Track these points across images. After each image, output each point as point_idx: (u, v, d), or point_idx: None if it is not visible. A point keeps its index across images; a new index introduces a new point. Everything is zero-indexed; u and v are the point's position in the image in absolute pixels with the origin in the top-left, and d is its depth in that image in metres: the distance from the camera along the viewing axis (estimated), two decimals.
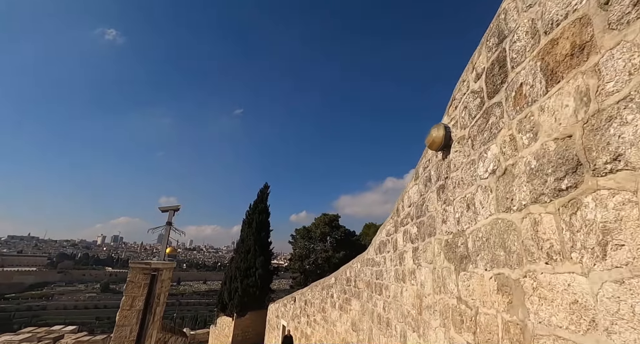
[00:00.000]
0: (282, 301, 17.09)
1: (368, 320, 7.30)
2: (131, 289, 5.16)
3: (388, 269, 5.68)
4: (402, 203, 4.84)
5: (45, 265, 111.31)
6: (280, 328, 16.74)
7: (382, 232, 6.37)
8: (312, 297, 12.99)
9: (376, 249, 6.83)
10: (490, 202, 2.07)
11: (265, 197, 27.07)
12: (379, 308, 6.22)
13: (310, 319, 12.83)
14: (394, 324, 5.12)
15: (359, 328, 8.13)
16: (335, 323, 10.16)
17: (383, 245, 6.15)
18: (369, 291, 7.31)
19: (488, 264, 2.08)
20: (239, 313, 23.65)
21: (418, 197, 3.94)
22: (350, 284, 9.19)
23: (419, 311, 3.76)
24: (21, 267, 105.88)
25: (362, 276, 8.17)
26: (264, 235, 25.97)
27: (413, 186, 4.20)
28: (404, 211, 4.70)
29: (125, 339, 4.90)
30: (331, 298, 10.81)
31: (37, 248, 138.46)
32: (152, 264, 5.27)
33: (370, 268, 7.31)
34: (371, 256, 7.32)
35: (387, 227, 5.92)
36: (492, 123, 2.04)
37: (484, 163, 2.15)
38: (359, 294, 8.37)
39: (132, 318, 4.96)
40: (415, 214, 4.00)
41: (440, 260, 3.08)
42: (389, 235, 5.74)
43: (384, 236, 6.11)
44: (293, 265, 27.42)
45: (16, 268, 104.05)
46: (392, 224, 5.51)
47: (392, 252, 5.48)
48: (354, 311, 8.71)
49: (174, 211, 6.71)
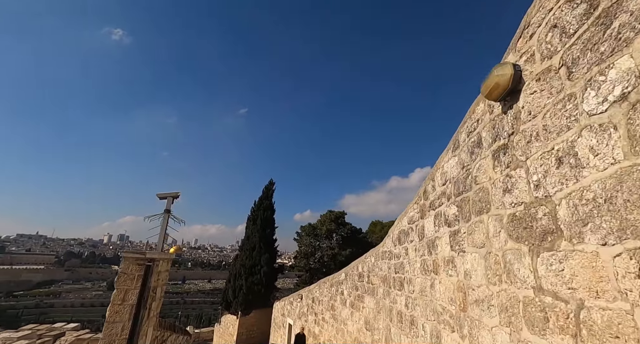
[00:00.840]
0: (288, 299, 16.47)
1: (385, 318, 6.64)
2: (123, 281, 4.56)
3: (411, 261, 5.01)
4: (432, 183, 4.17)
5: (52, 263, 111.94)
6: (286, 326, 16.12)
7: (402, 221, 5.70)
8: (320, 294, 12.35)
9: (394, 240, 6.16)
10: (614, 145, 1.41)
11: (271, 194, 26.50)
12: (400, 304, 5.56)
13: (318, 318, 12.19)
14: (421, 323, 4.45)
15: (373, 327, 7.47)
16: (346, 322, 9.50)
17: (404, 234, 5.48)
18: (386, 287, 6.64)
19: (611, 235, 1.41)
20: (243, 311, 23.07)
21: (458, 171, 3.26)
22: (363, 280, 8.52)
23: (461, 307, 3.09)
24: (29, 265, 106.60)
25: (377, 271, 7.50)
26: (269, 232, 25.39)
27: (450, 159, 3.53)
28: (435, 191, 4.03)
29: (116, 337, 4.29)
30: (341, 295, 10.15)
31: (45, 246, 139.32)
32: (147, 254, 4.66)
33: (388, 261, 6.64)
34: (388, 248, 6.65)
35: (409, 215, 5.25)
36: (621, 25, 1.38)
37: (599, 91, 1.49)
38: (373, 291, 7.71)
39: (124, 313, 4.36)
40: (455, 191, 3.33)
41: (499, 241, 2.41)
42: (412, 222, 5.07)
43: (405, 225, 5.43)
44: (298, 263, 26.77)
45: (24, 265, 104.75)
46: (417, 210, 4.84)
47: (416, 241, 4.81)
48: (367, 309, 8.05)
49: (173, 198, 6.10)
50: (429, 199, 4.28)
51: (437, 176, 3.95)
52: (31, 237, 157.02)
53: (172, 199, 6.20)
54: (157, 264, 4.88)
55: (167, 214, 5.98)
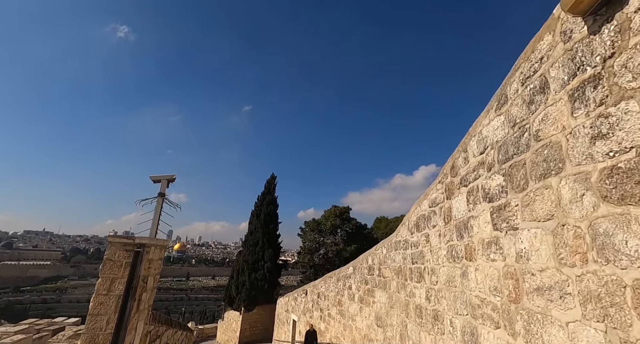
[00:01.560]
0: (293, 295, 15.92)
1: (399, 314, 6.04)
2: (109, 269, 4.00)
3: (434, 249, 4.39)
4: (463, 155, 3.54)
5: (59, 259, 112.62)
6: (290, 323, 15.59)
7: (421, 206, 5.09)
8: (325, 289, 11.78)
9: (412, 227, 5.55)
10: None
11: (273, 189, 25.94)
12: (418, 298, 4.95)
13: (323, 314, 11.63)
14: (448, 318, 3.84)
15: (385, 323, 6.88)
16: (354, 318, 8.92)
17: (424, 220, 4.87)
18: (401, 279, 6.04)
19: None
20: (246, 307, 22.59)
21: (506, 132, 2.64)
22: (374, 273, 7.93)
23: (511, 298, 2.48)
24: (36, 261, 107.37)
25: (390, 263, 6.90)
26: (272, 227, 24.85)
27: (492, 120, 2.90)
28: (467, 164, 3.41)
29: (100, 331, 3.75)
30: (349, 290, 9.57)
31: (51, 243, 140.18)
32: (137, 239, 4.09)
33: (402, 251, 6.03)
34: (403, 237, 6.04)
35: (430, 197, 4.63)
36: None
37: None
38: (385, 284, 7.11)
39: (110, 305, 3.80)
40: (500, 157, 2.72)
41: (582, 208, 1.80)
42: (434, 205, 4.45)
43: (426, 209, 4.82)
44: (302, 259, 26.23)
45: (31, 261, 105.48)
46: (441, 190, 4.22)
47: (441, 225, 4.19)
48: (378, 304, 7.45)
49: (168, 181, 5.52)
50: (458, 175, 3.66)
51: (472, 145, 3.32)
52: (38, 233, 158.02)
53: (167, 182, 5.63)
54: (147, 250, 4.31)
55: (162, 198, 5.41)
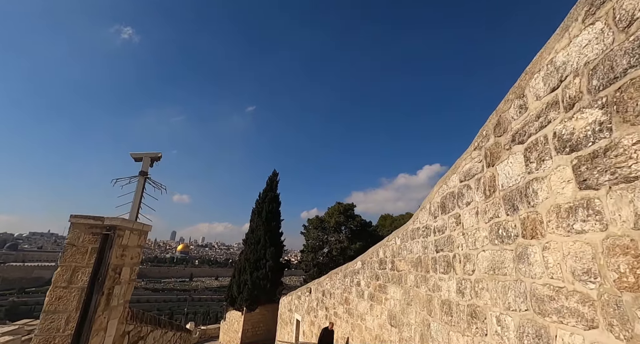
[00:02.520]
0: (296, 293, 15.07)
1: (419, 311, 5.20)
2: (71, 256, 3.21)
3: (469, 231, 3.55)
4: (518, 102, 2.69)
5: None
6: (293, 322, 14.74)
7: (448, 182, 4.24)
8: (331, 287, 10.92)
9: (434, 210, 4.71)
10: None
11: (275, 185, 25.13)
12: (447, 292, 4.10)
13: (329, 313, 10.77)
14: (493, 316, 3.00)
15: (401, 322, 6.03)
16: (363, 317, 8.07)
17: (454, 198, 4.03)
18: (421, 272, 5.19)
19: None
20: (248, 307, 21.76)
21: (609, 42, 1.81)
22: (386, 267, 7.08)
23: (627, 284, 1.65)
24: (41, 262, 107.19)
25: (405, 254, 6.06)
26: (274, 225, 24.02)
27: (579, 34, 2.07)
28: (526, 112, 2.56)
29: (57, 332, 2.97)
30: (357, 287, 8.72)
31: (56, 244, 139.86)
32: (106, 220, 3.28)
33: (422, 239, 5.19)
34: (423, 222, 5.20)
35: (462, 169, 3.79)
36: None
37: None
38: (400, 279, 6.27)
39: (71, 300, 3.01)
40: (595, 83, 1.87)
41: None
42: (468, 178, 3.61)
43: (455, 184, 3.98)
44: (306, 257, 25.34)
45: (36, 263, 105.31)
46: (479, 158, 3.38)
47: (478, 200, 3.35)
48: (392, 301, 6.61)
49: (151, 159, 4.72)
50: (508, 132, 2.82)
51: (534, 85, 2.48)
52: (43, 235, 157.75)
53: (151, 161, 4.82)
54: (120, 234, 3.51)
55: (143, 177, 4.60)
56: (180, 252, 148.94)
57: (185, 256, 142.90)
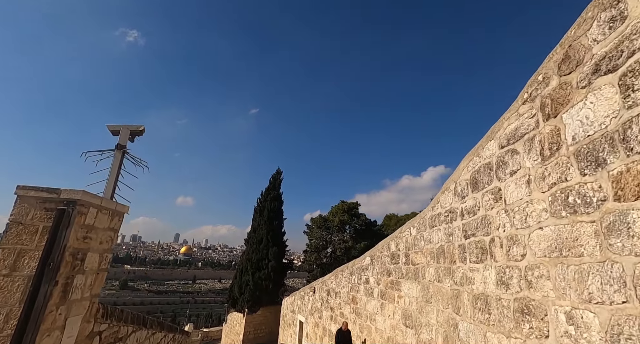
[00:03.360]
0: (299, 293, 14.30)
1: (442, 309, 4.44)
2: (15, 236, 2.54)
3: (516, 206, 2.82)
4: (605, 14, 1.99)
5: None
6: (296, 324, 13.95)
7: (482, 152, 3.51)
8: (336, 285, 10.16)
9: (462, 190, 3.98)
10: None
11: (278, 184, 24.41)
12: (482, 284, 3.36)
13: (334, 313, 10.00)
14: (562, 312, 2.26)
15: (418, 322, 5.27)
16: (373, 317, 7.31)
17: (489, 171, 3.30)
18: (444, 264, 4.45)
19: None
20: (250, 308, 20.97)
21: None
22: (399, 262, 6.33)
23: None
24: None
25: (423, 245, 5.32)
26: (277, 224, 23.26)
27: None
28: (624, 25, 1.86)
29: None
30: (365, 284, 7.96)
31: None
32: (63, 193, 2.59)
33: (446, 226, 4.45)
34: (446, 206, 4.46)
35: (505, 131, 3.06)
36: None
37: None
38: (416, 273, 5.52)
39: (13, 291, 2.35)
40: None
41: None
42: (514, 140, 2.88)
43: (493, 153, 3.25)
44: (309, 257, 24.52)
45: None
46: (530, 112, 2.65)
47: (531, 166, 2.62)
48: (406, 299, 5.85)
49: (131, 132, 4.04)
50: (588, 62, 2.09)
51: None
52: None
53: (131, 135, 4.14)
54: (83, 212, 2.81)
55: (121, 151, 3.92)
56: (183, 254, 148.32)
57: (188, 258, 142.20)
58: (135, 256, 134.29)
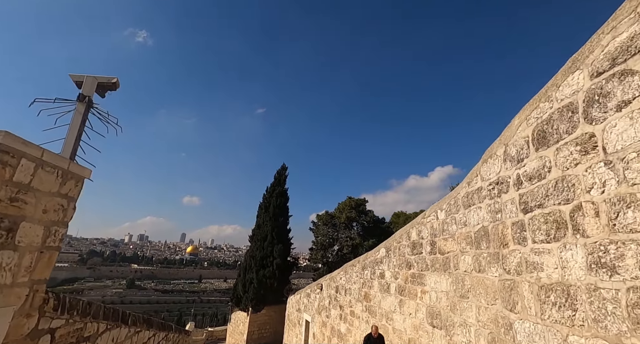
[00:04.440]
0: (305, 291, 13.42)
1: (487, 305, 3.53)
2: None
3: (626, 152, 1.93)
4: None
5: (76, 261, 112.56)
6: (302, 324, 13.07)
7: (554, 95, 2.61)
8: (346, 281, 9.26)
9: (519, 151, 3.07)
10: None
11: (283, 180, 23.58)
12: (557, 270, 2.45)
13: (344, 312, 9.10)
14: None
15: (450, 321, 4.36)
16: (390, 316, 6.40)
17: (571, 115, 2.39)
18: (485, 249, 3.54)
19: None
20: (254, 307, 20.13)
21: None
22: (422, 251, 5.42)
23: None
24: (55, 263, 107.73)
25: (455, 230, 4.41)
26: (282, 221, 22.42)
27: None
28: None
29: None
30: (380, 279, 7.06)
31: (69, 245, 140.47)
32: None
33: (491, 201, 3.54)
34: (491, 178, 3.55)
35: (609, 47, 2.17)
36: None
37: None
38: (445, 264, 4.60)
39: None
40: None
41: None
42: (628, 56, 1.99)
43: (581, 88, 2.35)
44: (315, 255, 23.60)
45: None
46: None
47: None
48: (433, 294, 4.93)
49: (100, 84, 3.21)
50: None
51: None
52: None
53: (101, 88, 3.31)
54: (8, 163, 1.97)
55: (84, 104, 3.08)
56: (189, 254, 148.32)
57: (194, 258, 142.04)
58: (142, 256, 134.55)
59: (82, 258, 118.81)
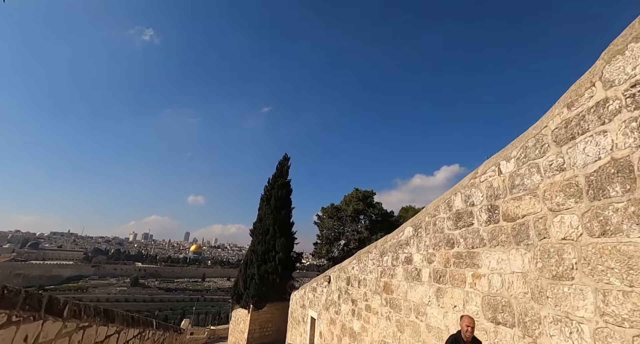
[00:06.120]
0: (311, 285, 11.98)
1: (627, 287, 2.10)
2: None
3: None
4: None
5: (81, 259, 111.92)
6: (307, 321, 11.63)
7: None
8: (359, 271, 7.81)
9: None
10: None
11: (286, 171, 22.18)
12: None
13: (357, 307, 7.65)
14: None
15: (532, 316, 2.86)
16: (421, 310, 4.96)
17: None
18: (621, 194, 2.11)
19: None
20: (255, 304, 18.70)
21: None
22: (473, 222, 3.96)
23: None
24: (60, 261, 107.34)
25: (535, 182, 2.94)
26: (285, 213, 20.99)
27: None
28: None
29: None
30: (406, 265, 5.62)
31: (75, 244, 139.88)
32: None
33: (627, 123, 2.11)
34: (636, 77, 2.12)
35: None
36: None
37: None
38: (519, 233, 3.14)
39: None
40: None
41: None
42: None
43: None
44: (319, 250, 22.13)
45: (55, 261, 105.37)
46: None
47: None
48: (493, 278, 3.47)
49: None
50: None
51: None
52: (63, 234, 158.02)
53: None
54: None
55: None
56: (193, 252, 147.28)
57: (198, 256, 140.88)
58: (146, 254, 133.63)
59: (87, 256, 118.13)
